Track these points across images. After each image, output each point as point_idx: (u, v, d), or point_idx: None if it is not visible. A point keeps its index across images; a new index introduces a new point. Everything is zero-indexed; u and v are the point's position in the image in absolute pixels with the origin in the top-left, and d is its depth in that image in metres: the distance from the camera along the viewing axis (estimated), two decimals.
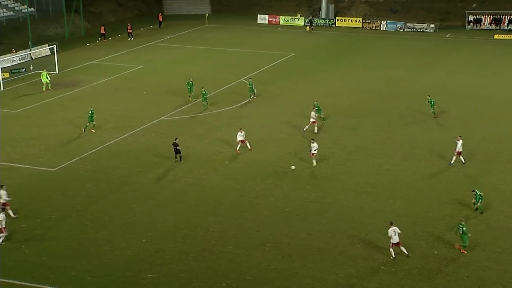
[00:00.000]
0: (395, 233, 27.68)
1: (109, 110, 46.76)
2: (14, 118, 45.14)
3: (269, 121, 45.16)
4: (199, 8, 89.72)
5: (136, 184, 34.76)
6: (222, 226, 30.36)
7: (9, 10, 72.16)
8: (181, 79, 54.35)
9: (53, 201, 32.46)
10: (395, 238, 27.69)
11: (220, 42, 71.90)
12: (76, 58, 62.80)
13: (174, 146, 37.36)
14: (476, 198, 31.66)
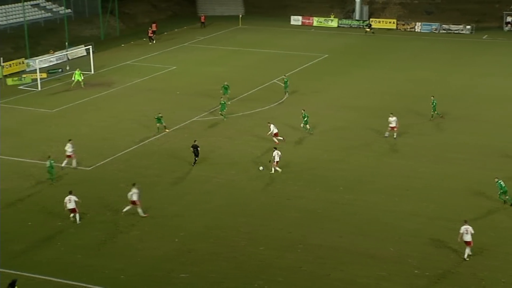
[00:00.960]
0: (467, 232, 27.22)
1: (142, 111, 47.08)
2: (50, 118, 45.77)
3: (299, 123, 44.91)
4: (232, 9, 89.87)
5: (168, 183, 34.93)
6: (253, 227, 30.30)
7: (47, 12, 73.30)
8: (213, 80, 54.56)
9: (87, 199, 32.74)
10: (467, 236, 27.19)
11: (253, 43, 71.91)
12: (110, 59, 63.45)
13: (194, 148, 36.85)
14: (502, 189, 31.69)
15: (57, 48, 63.78)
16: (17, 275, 25.43)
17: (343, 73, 58.94)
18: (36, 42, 65.45)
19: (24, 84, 53.70)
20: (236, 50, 68.54)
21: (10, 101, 49.32)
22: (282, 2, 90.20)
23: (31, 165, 37.06)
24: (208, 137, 41.82)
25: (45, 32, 69.18)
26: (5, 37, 65.00)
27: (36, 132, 42.51)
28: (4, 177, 35.27)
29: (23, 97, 50.51)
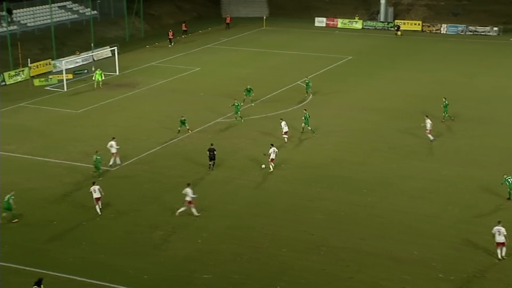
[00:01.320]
0: (499, 233, 26.98)
1: (166, 112, 47.36)
2: (75, 118, 46.25)
3: (323, 124, 44.85)
4: (257, 11, 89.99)
5: (191, 185, 35.01)
6: (275, 228, 30.29)
7: (73, 13, 74.10)
8: (237, 82, 54.71)
9: (111, 200, 33.05)
10: (499, 238, 26.97)
11: (277, 44, 71.91)
12: (135, 60, 63.93)
13: (210, 152, 36.42)
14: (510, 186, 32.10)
15: (83, 49, 64.43)
16: (43, 273, 25.73)
17: (367, 75, 58.66)
18: (63, 43, 66.21)
19: (50, 85, 54.34)
20: (260, 52, 68.59)
21: (36, 102, 49.94)
22: (306, 4, 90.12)
23: (56, 165, 37.49)
24: (231, 139, 41.91)
25: (72, 33, 69.93)
26: (32, 38, 65.86)
27: (62, 132, 42.98)
28: (30, 177, 35.75)
29: (49, 98, 51.14)
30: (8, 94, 51.93)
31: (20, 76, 55.82)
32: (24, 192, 33.63)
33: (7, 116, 46.44)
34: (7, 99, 50.58)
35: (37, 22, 68.92)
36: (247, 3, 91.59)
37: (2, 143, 40.74)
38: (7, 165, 37.38)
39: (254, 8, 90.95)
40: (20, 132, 42.97)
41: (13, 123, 44.91)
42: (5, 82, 54.72)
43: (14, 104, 49.20)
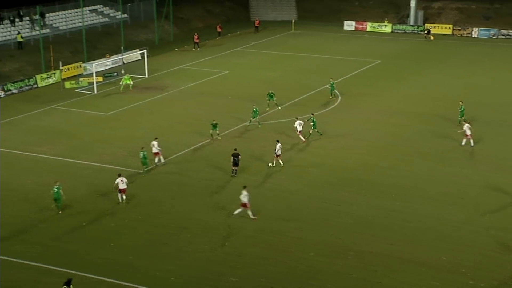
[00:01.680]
0: None
1: (194, 114, 47.57)
2: (105, 120, 46.69)
3: (352, 128, 44.62)
4: (285, 15, 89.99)
5: (219, 187, 35.13)
6: (303, 232, 30.17)
7: (104, 17, 74.96)
8: (266, 85, 54.72)
9: (139, 202, 33.28)
10: None
11: (305, 48, 71.78)
12: (164, 63, 64.35)
13: (234, 157, 36.07)
14: None
15: (113, 52, 65.11)
16: (72, 274, 25.97)
17: (397, 79, 58.20)
18: (93, 46, 66.97)
19: (81, 87, 54.98)
20: (289, 55, 68.54)
21: (67, 104, 50.53)
22: (335, 7, 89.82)
23: (86, 166, 37.88)
24: (259, 142, 41.89)
25: (102, 36, 70.71)
26: (64, 41, 66.73)
27: (91, 134, 43.42)
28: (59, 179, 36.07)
29: (79, 100, 51.72)
30: (39, 97, 52.68)
31: (51, 79, 56.58)
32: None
33: (39, 118, 47.10)
34: (38, 101, 51.31)
35: (69, 26, 69.88)
36: (276, 7, 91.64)
37: (34, 145, 41.30)
38: (38, 167, 37.90)
39: (283, 11, 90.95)
40: (51, 134, 43.53)
41: (44, 125, 45.53)
42: (37, 84, 55.51)
43: (45, 106, 49.89)
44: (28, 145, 41.15)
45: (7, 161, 38.65)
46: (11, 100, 51.88)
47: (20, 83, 54.36)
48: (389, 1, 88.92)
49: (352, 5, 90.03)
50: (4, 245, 28.80)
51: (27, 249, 28.50)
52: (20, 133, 43.81)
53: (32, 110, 48.90)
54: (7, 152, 40.01)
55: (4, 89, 52.94)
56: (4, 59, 59.80)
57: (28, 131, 44.14)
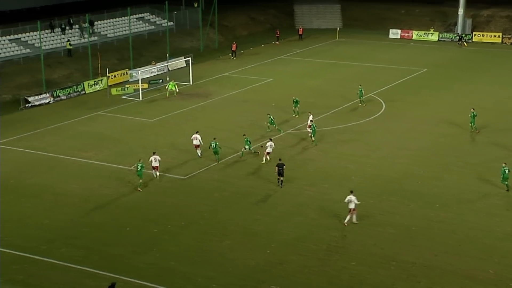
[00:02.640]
0: None
1: (237, 122, 47.73)
2: (149, 127, 47.23)
3: (396, 137, 44.10)
4: (330, 23, 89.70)
5: (261, 195, 35.11)
6: (345, 241, 29.88)
7: (151, 25, 76.07)
8: (309, 93, 54.75)
9: (181, 208, 33.52)
10: None
11: (349, 56, 71.36)
12: (208, 70, 64.82)
13: (279, 167, 35.74)
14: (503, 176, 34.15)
15: (159, 59, 65.88)
16: (116, 278, 26.30)
17: (443, 88, 57.30)
18: (139, 53, 67.94)
19: (126, 94, 55.78)
20: (333, 63, 68.23)
21: (113, 110, 51.30)
22: (381, 15, 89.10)
23: (130, 172, 38.34)
24: (301, 150, 41.76)
25: (148, 44, 71.70)
26: (111, 48, 67.92)
27: (136, 140, 43.95)
28: (105, 184, 36.72)
29: (125, 106, 52.47)
30: (86, 103, 53.67)
31: (98, 85, 57.60)
32: (99, 198, 34.59)
33: (85, 124, 47.96)
34: (85, 107, 52.27)
35: (117, 33, 71.12)
36: (320, 15, 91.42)
37: (80, 150, 42.07)
38: (84, 172, 38.56)
39: (327, 19, 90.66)
40: (97, 140, 44.26)
41: (90, 131, 46.34)
42: (85, 91, 56.58)
43: (92, 112, 50.78)
44: (74, 150, 41.93)
45: (54, 166, 39.45)
46: (59, 106, 53.01)
47: (68, 90, 55.52)
48: (436, 10, 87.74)
49: (398, 13, 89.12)
50: (50, 247, 29.37)
51: (72, 252, 28.98)
52: (67, 138, 44.69)
53: (79, 116, 49.85)
54: (55, 157, 40.84)
55: (53, 95, 54.15)
56: (54, 66, 61.19)
57: (75, 137, 44.99)
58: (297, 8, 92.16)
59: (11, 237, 30.31)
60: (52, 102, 53.70)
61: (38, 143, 43.38)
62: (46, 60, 58.93)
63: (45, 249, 29.19)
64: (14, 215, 32.64)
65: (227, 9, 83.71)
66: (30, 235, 30.54)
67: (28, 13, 73.25)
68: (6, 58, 60.41)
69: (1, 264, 27.97)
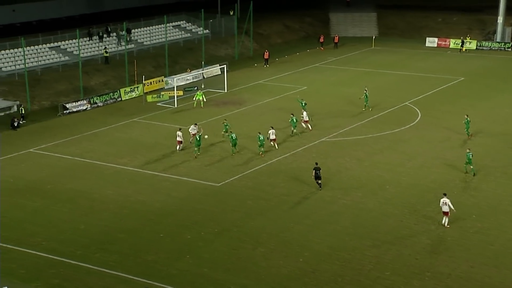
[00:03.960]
0: None
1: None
2: (184, 134, 47.36)
3: (432, 146, 43.57)
4: (366, 31, 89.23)
5: (295, 203, 35.03)
6: (379, 251, 29.59)
7: (187, 32, 76.76)
8: (344, 101, 54.53)
9: (215, 215, 33.62)
10: None
11: (385, 64, 70.85)
12: (243, 78, 65.03)
13: (317, 171, 36.04)
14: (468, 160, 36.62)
15: (194, 67, 66.41)
16: (149, 284, 26.48)
17: (481, 97, 56.44)
18: (175, 61, 68.59)
19: (162, 101, 56.25)
20: (368, 72, 67.82)
21: (148, 117, 51.79)
22: (417, 24, 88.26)
23: (164, 179, 38.62)
24: (336, 158, 41.57)
25: (184, 51, 72.31)
26: (148, 56, 68.69)
27: (170, 147, 44.22)
28: (139, 190, 37.06)
29: (160, 114, 52.93)
30: (122, 110, 54.33)
31: (134, 92, 58.29)
32: (134, 204, 34.92)
33: (121, 130, 48.53)
34: (121, 114, 52.92)
35: (153, 41, 71.93)
36: (356, 23, 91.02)
37: (115, 156, 42.57)
38: (119, 178, 38.99)
39: (363, 28, 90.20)
40: (132, 146, 44.73)
41: (126, 137, 46.87)
42: (121, 97, 57.30)
43: (128, 119, 51.37)
44: (110, 156, 42.45)
45: (90, 171, 39.99)
46: (96, 112, 53.78)
47: (105, 96, 56.30)
48: (474, 18, 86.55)
49: (435, 21, 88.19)
50: (85, 252, 29.74)
51: (106, 257, 29.29)
52: (103, 144, 45.27)
53: (115, 122, 50.47)
54: (91, 163, 41.40)
55: (90, 101, 54.97)
56: (91, 73, 62.15)
57: (111, 143, 45.56)
58: (332, 16, 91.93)
59: (48, 241, 30.81)
60: (89, 109, 54.52)
61: (75, 149, 44.05)
62: (84, 68, 59.91)
63: (80, 254, 29.58)
64: (51, 220, 33.19)
65: (262, 17, 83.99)
66: (66, 240, 30.99)
67: (67, 21, 74.61)
68: (46, 66, 61.56)
69: (39, 268, 28.45)
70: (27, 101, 54.04)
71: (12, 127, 48.83)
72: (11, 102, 53.84)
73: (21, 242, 30.62)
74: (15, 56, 58.85)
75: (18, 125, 49.06)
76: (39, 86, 57.66)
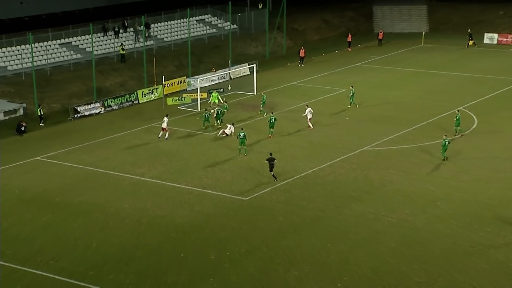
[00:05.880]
0: None
1: (307, 137, 47.70)
2: (208, 141, 47.72)
3: (490, 158, 43.09)
4: (415, 26, 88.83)
5: (332, 220, 34.93)
6: (430, 276, 29.32)
7: (212, 28, 77.17)
8: (388, 106, 54.28)
9: (242, 232, 33.66)
10: None
11: (436, 64, 70.38)
12: (275, 79, 65.17)
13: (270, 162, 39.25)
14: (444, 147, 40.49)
15: (220, 66, 66.73)
16: None
17: None
18: (199, 59, 69.06)
19: (183, 104, 56.64)
20: (416, 72, 67.42)
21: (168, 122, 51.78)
22: (475, 18, 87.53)
23: (187, 191, 38.82)
24: (379, 170, 41.36)
25: (209, 49, 72.74)
26: (169, 54, 69.21)
27: (193, 155, 44.45)
28: (159, 203, 37.25)
29: (182, 118, 53.19)
30: (140, 114, 54.82)
31: (153, 94, 58.78)
32: (153, 219, 35.15)
33: (138, 137, 48.95)
34: (139, 118, 53.41)
35: (174, 37, 72.52)
36: (403, 17, 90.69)
37: (132, 165, 42.93)
38: (136, 189, 39.29)
39: (412, 22, 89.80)
40: (151, 154, 45.08)
41: (143, 144, 47.26)
42: (138, 100, 57.84)
43: (146, 124, 51.79)
44: (126, 165, 42.84)
45: (105, 182, 40.39)
46: (111, 116, 54.38)
47: (120, 99, 56.87)
48: None
49: (495, 15, 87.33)
50: (98, 273, 29.98)
51: (122, 278, 29.47)
52: (119, 152, 45.71)
53: (132, 128, 50.94)
54: (105, 173, 41.83)
55: (104, 104, 55.58)
56: (106, 73, 62.83)
57: (127, 151, 45.98)
58: (376, 10, 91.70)
59: (57, 260, 31.13)
60: (103, 112, 55.16)
61: (88, 157, 44.57)
62: (98, 67, 60.67)
63: (93, 274, 29.83)
64: (60, 236, 33.54)
65: (297, 11, 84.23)
66: (78, 258, 31.28)
67: (80, 15, 75.63)
68: (56, 64, 62.49)
69: None
70: (34, 103, 54.82)
71: (18, 132, 49.60)
72: (17, 105, 54.76)
73: (27, 260, 30.99)
74: (22, 54, 59.96)
75: (25, 130, 49.80)
76: (48, 87, 58.56)
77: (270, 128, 47.39)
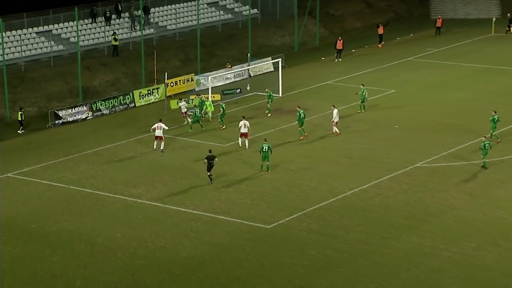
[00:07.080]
0: None
1: (345, 150, 47.63)
2: (220, 154, 47.60)
3: None
4: (483, 11, 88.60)
5: (378, 254, 34.75)
6: None
7: (227, 13, 76.87)
8: (450, 111, 54.17)
9: (264, 270, 33.52)
10: None
11: (510, 58, 70.05)
12: (305, 77, 65.18)
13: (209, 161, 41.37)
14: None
15: (237, 61, 66.74)
16: None
17: None
18: (210, 52, 69.21)
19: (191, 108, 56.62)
20: (485, 69, 67.20)
21: (172, 130, 51.90)
22: None
23: (194, 217, 38.81)
24: (437, 192, 41.16)
25: (223, 39, 72.83)
26: (173, 46, 69.23)
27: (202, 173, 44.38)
28: (159, 232, 37.19)
29: (188, 125, 53.03)
30: (136, 120, 54.99)
31: (153, 96, 58.97)
32: (151, 252, 35.15)
33: (134, 149, 49.07)
34: (135, 125, 53.57)
35: (180, 25, 72.51)
36: (468, 0, 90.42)
37: (126, 185, 43.05)
38: (131, 215, 39.34)
39: (479, 6, 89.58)
40: (149, 171, 45.17)
41: (140, 158, 47.36)
42: (134, 103, 58.02)
43: (143, 133, 51.81)
44: (118, 185, 42.96)
45: (91, 206, 40.46)
46: (100, 123, 54.65)
47: (112, 101, 57.04)
48: None
49: None
50: None
51: None
52: (110, 168, 45.86)
53: (126, 137, 51.12)
54: (92, 193, 41.96)
55: (92, 108, 55.76)
56: (94, 69, 63.02)
57: (120, 166, 46.12)
58: None
59: None
60: (90, 118, 55.42)
61: (71, 174, 44.78)
62: (84, 61, 60.98)
63: None
64: (36, 272, 33.56)
65: None
66: None
67: None
68: (32, 58, 62.66)
69: None
70: (6, 106, 55.14)
71: None
72: None
73: None
74: None
75: None
76: (22, 86, 58.87)
77: (299, 127, 46.97)
